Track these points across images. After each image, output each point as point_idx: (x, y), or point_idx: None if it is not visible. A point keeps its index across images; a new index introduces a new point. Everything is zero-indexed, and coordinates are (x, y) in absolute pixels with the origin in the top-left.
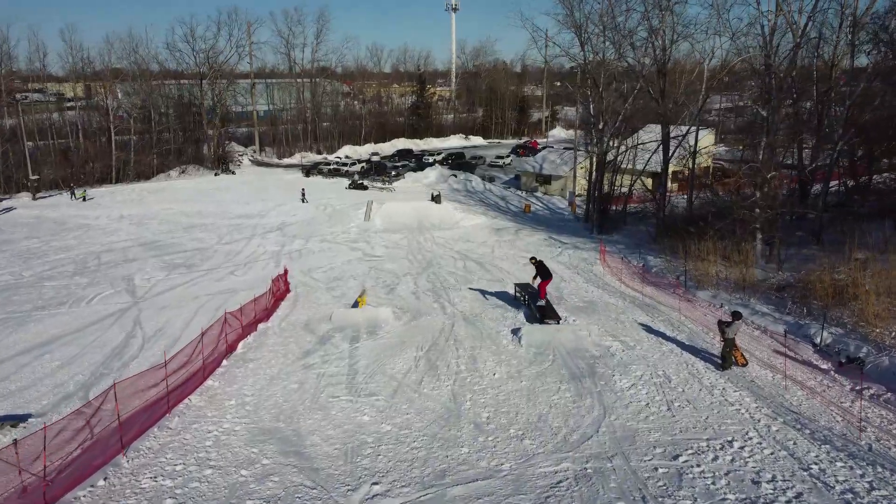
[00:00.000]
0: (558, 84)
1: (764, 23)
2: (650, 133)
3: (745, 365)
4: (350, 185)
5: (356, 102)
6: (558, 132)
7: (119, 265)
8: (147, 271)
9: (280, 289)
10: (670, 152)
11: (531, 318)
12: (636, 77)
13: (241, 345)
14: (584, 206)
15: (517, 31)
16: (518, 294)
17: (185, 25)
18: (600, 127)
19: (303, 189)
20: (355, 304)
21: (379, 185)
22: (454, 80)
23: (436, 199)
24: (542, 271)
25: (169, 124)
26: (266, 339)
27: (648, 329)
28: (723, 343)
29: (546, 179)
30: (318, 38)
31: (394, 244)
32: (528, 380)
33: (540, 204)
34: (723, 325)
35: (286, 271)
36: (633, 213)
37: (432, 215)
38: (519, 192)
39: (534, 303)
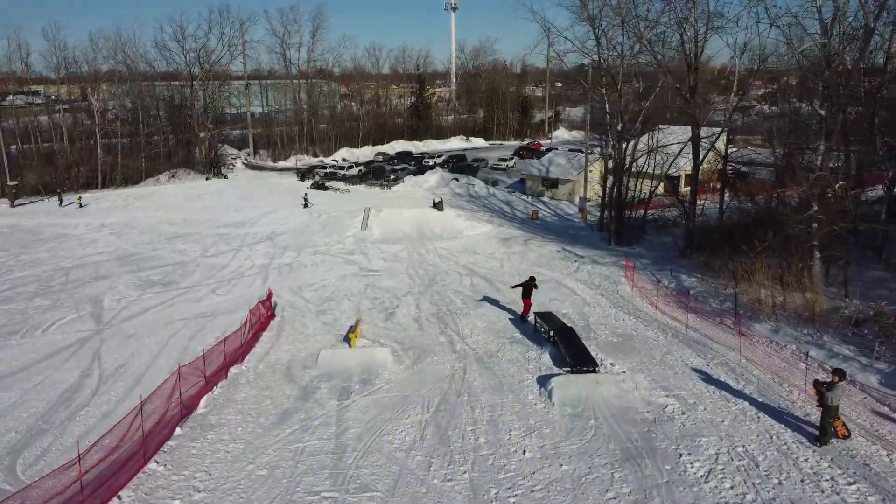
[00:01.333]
0: (559, 84)
1: (825, 5)
2: (671, 134)
3: (847, 437)
4: (312, 185)
5: (353, 104)
6: (561, 133)
7: (88, 283)
8: (119, 290)
9: (262, 316)
10: (701, 156)
11: (559, 361)
12: (662, 73)
13: (203, 402)
14: (599, 214)
15: (518, 31)
16: (539, 326)
17: (174, 23)
18: (618, 128)
19: (305, 194)
20: (347, 338)
21: (378, 188)
22: (454, 81)
23: (437, 205)
24: (526, 289)
25: (159, 126)
26: (236, 392)
27: (706, 377)
28: (821, 411)
29: (553, 183)
30: (315, 38)
31: (393, 256)
32: (568, 462)
33: (547, 210)
34: (822, 388)
35: (270, 294)
36: (652, 220)
37: (434, 223)
38: (524, 197)
39: (560, 338)
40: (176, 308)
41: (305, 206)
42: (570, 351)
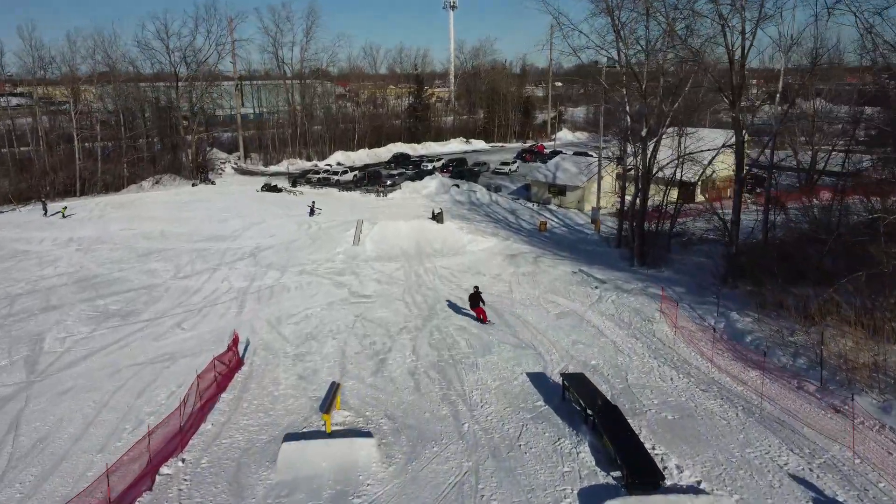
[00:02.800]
0: (559, 84)
1: None
2: (700, 140)
3: None
4: (262, 187)
5: (349, 104)
6: (564, 135)
7: (33, 316)
8: (67, 326)
9: (223, 370)
10: (744, 165)
11: (604, 459)
12: (700, 70)
13: None
14: (615, 226)
15: (518, 30)
16: (569, 395)
17: (157, 21)
18: (643, 133)
19: (313, 202)
20: (324, 406)
21: (374, 195)
22: (453, 81)
23: (437, 217)
24: (475, 300)
25: (142, 130)
26: None
27: (818, 497)
28: None
29: (560, 190)
30: (308, 37)
31: (387, 278)
32: None
33: (555, 219)
34: None
35: (235, 340)
36: (676, 234)
37: (433, 238)
38: (529, 205)
39: (601, 422)
40: (130, 349)
41: (312, 213)
42: (620, 450)
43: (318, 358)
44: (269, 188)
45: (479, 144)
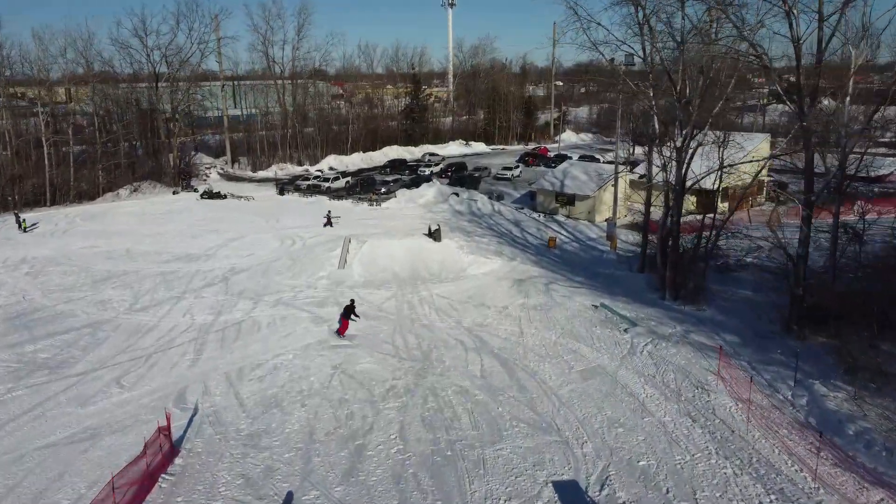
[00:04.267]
0: (560, 84)
1: None
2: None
3: None
4: (203, 194)
5: (342, 104)
6: (568, 136)
7: None
8: None
9: (149, 468)
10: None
11: None
12: (761, 69)
13: None
14: (636, 245)
15: (518, 28)
16: None
17: (134, 17)
18: (677, 142)
19: (329, 211)
20: None
21: (367, 204)
22: (452, 81)
23: (434, 234)
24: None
25: (120, 133)
26: None
27: None
28: None
29: (569, 200)
30: (300, 34)
31: (376, 310)
32: None
33: (565, 232)
34: None
35: (168, 421)
36: (708, 256)
37: (430, 259)
38: (535, 215)
39: None
40: (47, 420)
41: (329, 223)
42: None
43: (277, 443)
44: (209, 195)
45: (479, 147)
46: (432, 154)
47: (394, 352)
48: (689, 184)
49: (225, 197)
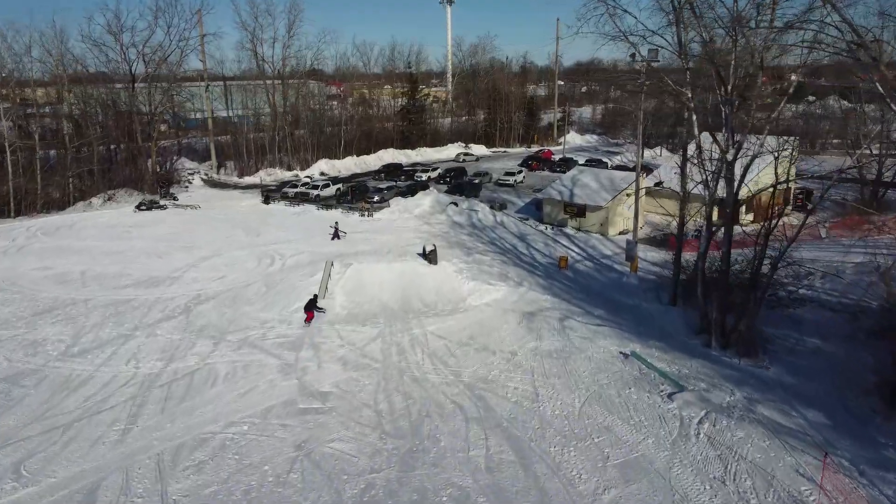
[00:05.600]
0: (561, 83)
1: None
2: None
3: None
4: (139, 205)
5: (334, 104)
6: (573, 138)
7: None
8: None
9: None
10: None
11: None
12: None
13: None
14: (659, 266)
15: (519, 25)
16: None
17: (108, 12)
18: (728, 156)
19: (336, 223)
20: None
21: (357, 214)
22: (450, 80)
23: (430, 256)
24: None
25: (93, 137)
26: None
27: None
28: None
29: (579, 210)
30: (291, 32)
31: (357, 356)
32: None
33: (575, 249)
34: None
35: None
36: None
37: (424, 286)
38: (541, 227)
39: None
40: None
41: (336, 237)
42: None
43: None
44: (146, 206)
45: (479, 150)
46: (424, 166)
47: (375, 421)
48: (746, 198)
49: (165, 207)
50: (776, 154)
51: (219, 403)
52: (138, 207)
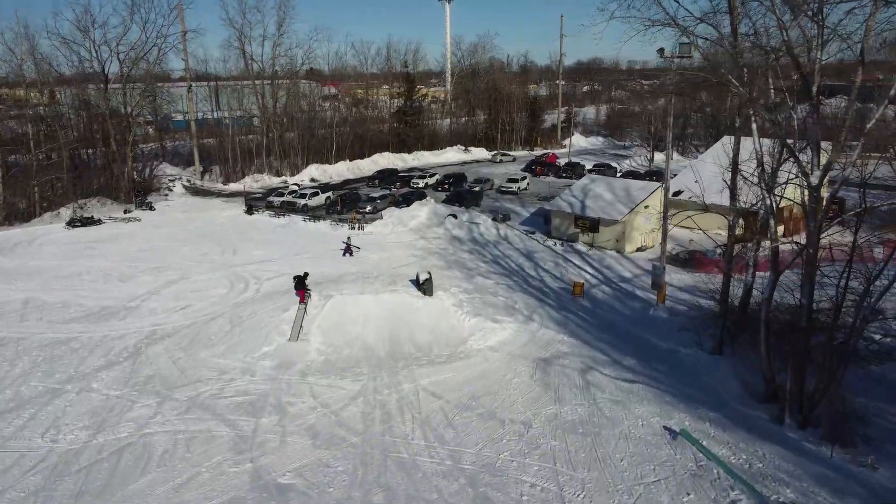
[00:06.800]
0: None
1: None
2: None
3: None
4: (70, 221)
5: (326, 105)
6: (577, 140)
7: None
8: None
9: None
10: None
11: None
12: None
13: None
14: (689, 295)
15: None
16: None
17: (77, 6)
18: (813, 181)
19: (348, 238)
20: None
21: (347, 227)
22: (450, 80)
23: (424, 286)
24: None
25: (62, 142)
26: None
27: None
28: None
29: (592, 225)
30: (281, 29)
31: (331, 428)
32: None
33: (589, 269)
34: None
35: None
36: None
37: (418, 323)
38: (549, 243)
39: None
40: None
41: (348, 253)
42: None
43: None
44: (80, 222)
45: (479, 153)
46: (421, 171)
47: None
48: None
49: (100, 222)
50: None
51: (148, 500)
52: (70, 224)
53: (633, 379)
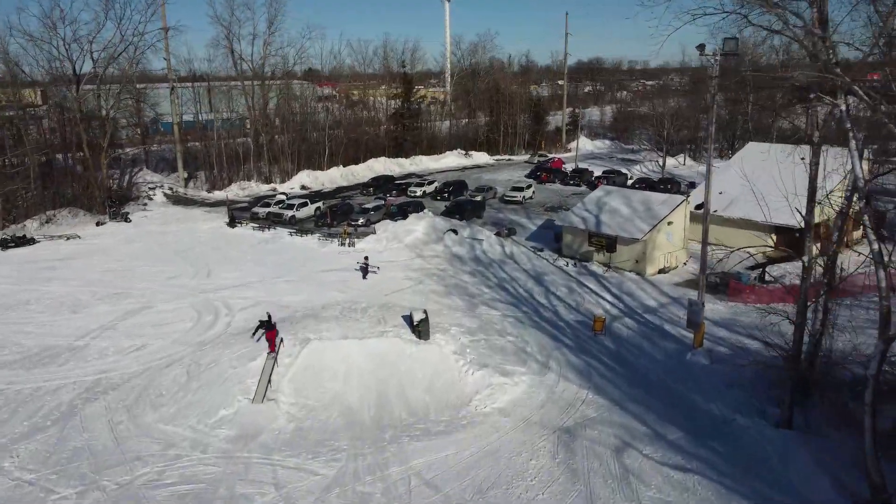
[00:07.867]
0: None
1: None
2: None
3: None
4: (1, 242)
5: (319, 106)
6: (583, 143)
7: None
8: None
9: None
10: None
11: None
12: None
13: None
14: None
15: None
16: None
17: (45, 1)
18: None
19: (365, 258)
20: None
21: (337, 242)
22: (449, 81)
23: (419, 327)
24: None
25: (28, 148)
26: None
27: None
28: None
29: (609, 243)
30: (272, 27)
31: None
32: None
33: (608, 295)
34: None
35: None
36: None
37: (412, 377)
38: (560, 263)
39: None
40: None
41: (366, 274)
42: None
43: None
44: (12, 242)
45: (480, 157)
46: (419, 178)
47: None
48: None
49: (33, 241)
50: None
51: None
52: (2, 245)
53: (684, 466)
